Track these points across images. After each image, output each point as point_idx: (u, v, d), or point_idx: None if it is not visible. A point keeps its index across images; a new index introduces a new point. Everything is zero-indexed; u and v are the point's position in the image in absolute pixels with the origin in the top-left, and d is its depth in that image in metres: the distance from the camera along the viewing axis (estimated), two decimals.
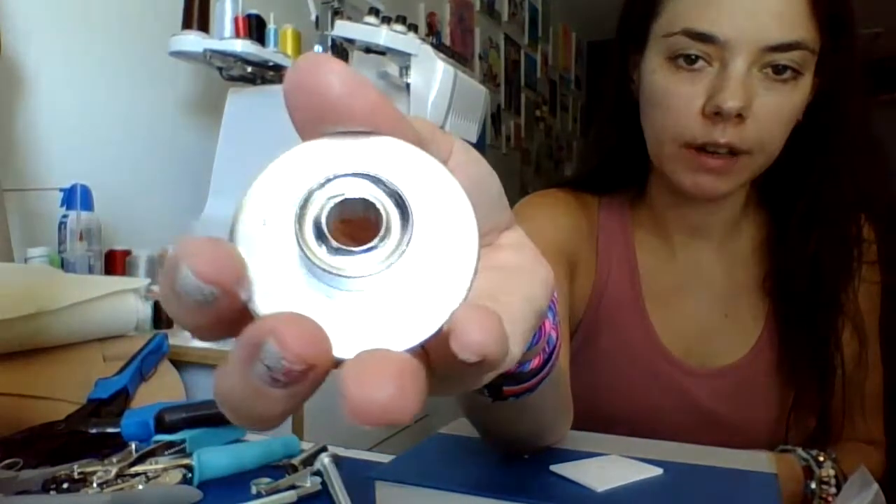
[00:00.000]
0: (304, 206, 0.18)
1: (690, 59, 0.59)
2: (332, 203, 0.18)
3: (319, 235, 0.18)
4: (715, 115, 0.58)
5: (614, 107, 0.72)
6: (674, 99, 0.61)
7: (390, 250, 0.18)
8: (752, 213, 0.73)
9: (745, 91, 0.58)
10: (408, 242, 0.18)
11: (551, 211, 0.73)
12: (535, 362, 0.34)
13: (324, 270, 0.18)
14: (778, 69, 0.58)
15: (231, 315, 0.18)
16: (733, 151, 0.60)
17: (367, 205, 0.19)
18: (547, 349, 0.35)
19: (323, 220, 0.18)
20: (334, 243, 0.18)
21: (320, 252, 0.18)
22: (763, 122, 0.59)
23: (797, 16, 0.57)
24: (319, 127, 0.20)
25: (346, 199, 0.18)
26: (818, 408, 0.70)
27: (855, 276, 0.68)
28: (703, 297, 0.72)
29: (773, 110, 0.59)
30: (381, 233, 0.18)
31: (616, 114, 0.72)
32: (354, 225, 0.19)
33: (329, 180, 0.19)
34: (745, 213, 0.72)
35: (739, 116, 0.58)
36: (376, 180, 0.19)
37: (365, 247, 0.18)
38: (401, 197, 0.18)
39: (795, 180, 0.67)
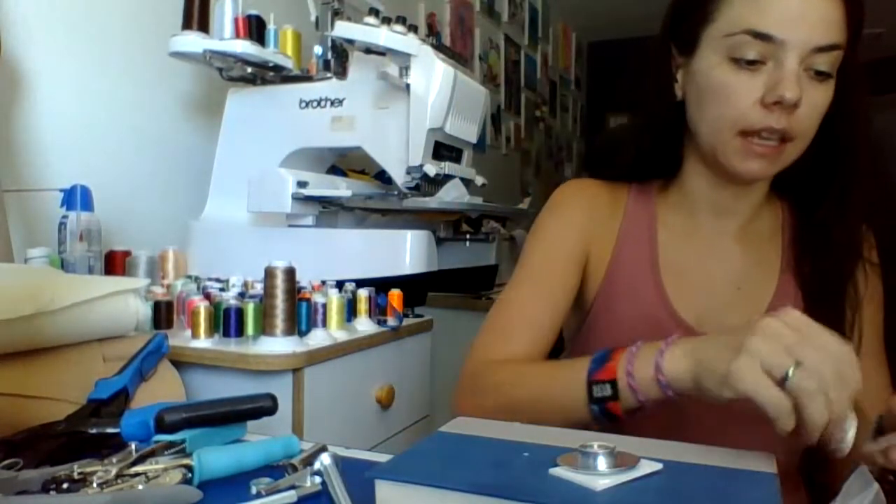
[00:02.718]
0: None
1: (750, 62, 0.69)
2: None
3: None
4: (774, 104, 0.68)
5: (655, 104, 0.81)
6: (735, 92, 0.70)
7: None
8: (771, 200, 0.83)
9: (800, 85, 0.67)
10: None
11: (576, 200, 0.86)
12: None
13: None
14: (818, 72, 0.68)
15: None
16: (784, 138, 0.69)
17: None
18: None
19: None
20: None
21: None
22: (808, 113, 0.69)
23: (838, 21, 0.68)
24: None
25: None
26: None
27: (858, 267, 0.78)
28: (719, 271, 0.80)
29: (815, 103, 0.69)
30: None
31: (656, 111, 0.81)
32: None
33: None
34: (766, 200, 0.82)
35: (794, 106, 0.67)
36: None
37: None
38: None
39: (817, 176, 0.77)
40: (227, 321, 0.95)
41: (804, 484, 0.83)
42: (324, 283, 1.13)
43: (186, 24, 1.26)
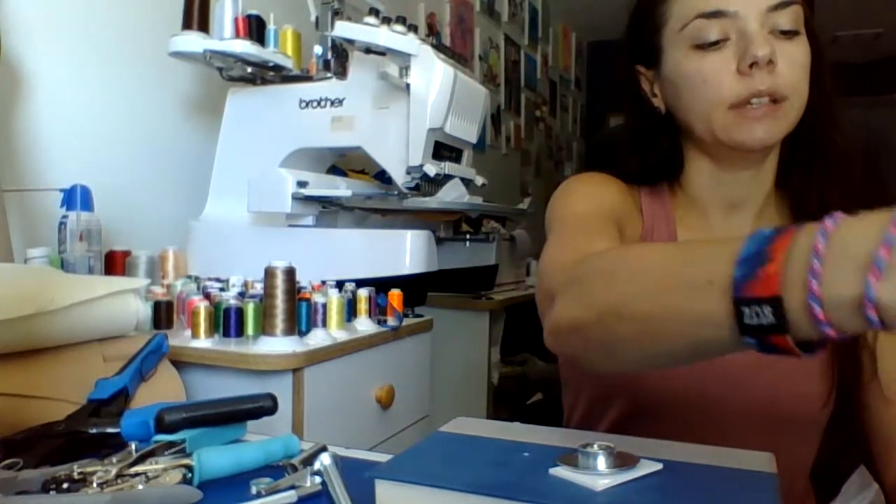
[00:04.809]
0: None
1: (713, 43, 0.70)
2: None
3: None
4: (750, 67, 0.67)
5: (643, 128, 0.81)
6: (709, 73, 0.70)
7: None
8: (779, 197, 0.82)
9: (770, 44, 0.67)
10: None
11: (600, 184, 0.81)
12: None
13: None
14: (782, 31, 0.69)
15: None
16: (774, 99, 0.68)
17: None
18: None
19: None
20: None
21: None
22: (789, 67, 0.68)
23: None
24: None
25: None
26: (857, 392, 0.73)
27: None
28: None
29: (792, 57, 0.69)
30: None
31: (647, 133, 0.80)
32: None
33: None
34: (774, 196, 0.81)
35: (771, 63, 0.67)
36: None
37: None
38: None
39: (805, 168, 0.78)
40: (227, 321, 0.95)
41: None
42: (324, 283, 1.13)
43: (186, 24, 1.26)
